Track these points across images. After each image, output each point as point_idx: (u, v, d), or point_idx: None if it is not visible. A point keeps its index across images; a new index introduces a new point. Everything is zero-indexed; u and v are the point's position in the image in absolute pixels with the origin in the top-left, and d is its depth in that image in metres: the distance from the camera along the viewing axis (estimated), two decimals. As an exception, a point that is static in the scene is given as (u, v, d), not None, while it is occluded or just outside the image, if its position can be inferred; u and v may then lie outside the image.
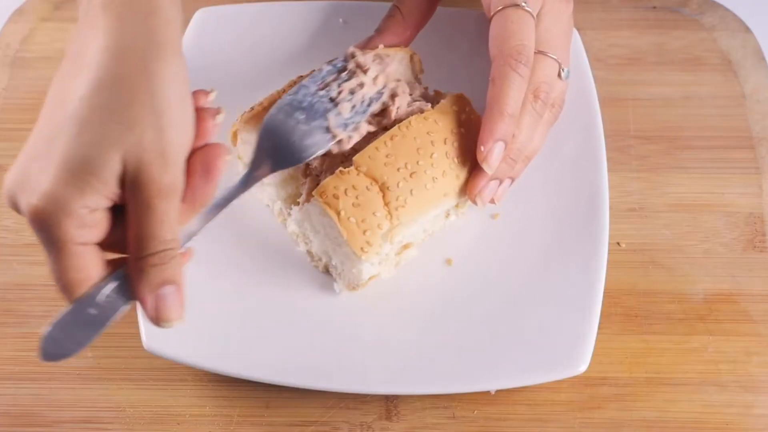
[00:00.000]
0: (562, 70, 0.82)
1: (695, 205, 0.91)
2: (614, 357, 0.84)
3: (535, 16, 0.80)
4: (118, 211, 0.63)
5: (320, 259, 0.83)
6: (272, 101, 0.81)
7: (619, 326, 0.85)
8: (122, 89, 0.62)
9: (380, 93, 0.80)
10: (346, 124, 0.78)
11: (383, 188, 0.77)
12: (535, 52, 0.80)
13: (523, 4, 0.79)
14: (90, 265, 0.63)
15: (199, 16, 0.94)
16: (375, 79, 0.81)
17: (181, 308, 0.64)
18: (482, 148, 0.78)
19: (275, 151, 0.76)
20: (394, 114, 0.81)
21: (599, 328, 0.79)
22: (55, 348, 0.63)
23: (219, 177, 0.65)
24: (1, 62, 0.99)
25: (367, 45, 0.85)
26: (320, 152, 0.77)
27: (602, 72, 0.98)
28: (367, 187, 0.77)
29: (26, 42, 1.01)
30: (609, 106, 0.95)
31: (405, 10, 0.86)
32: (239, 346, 0.79)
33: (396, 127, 0.79)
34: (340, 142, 0.78)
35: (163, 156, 0.62)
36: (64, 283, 0.63)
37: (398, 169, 0.78)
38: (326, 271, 0.84)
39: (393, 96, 0.81)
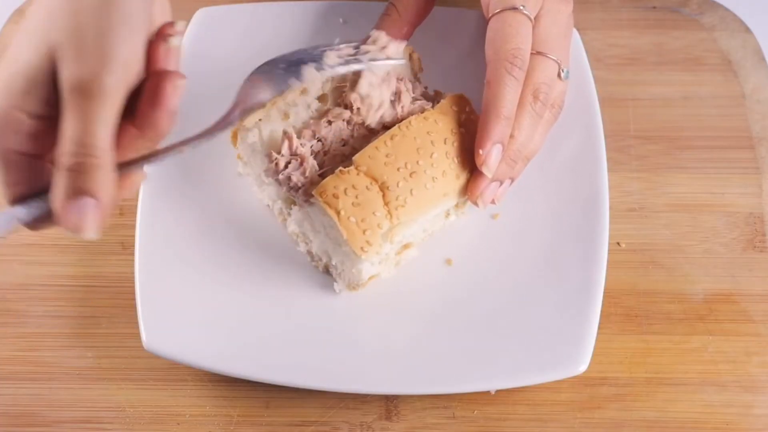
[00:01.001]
0: (562, 70, 0.82)
1: (695, 205, 0.91)
2: (614, 357, 0.84)
3: (533, 18, 0.80)
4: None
5: (320, 259, 0.83)
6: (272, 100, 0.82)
7: (619, 326, 0.85)
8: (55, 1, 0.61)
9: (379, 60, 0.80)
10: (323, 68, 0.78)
11: (383, 188, 0.77)
12: (534, 53, 0.81)
13: (521, 7, 0.79)
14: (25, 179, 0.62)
15: (199, 16, 0.95)
16: (383, 48, 0.81)
17: (96, 224, 0.59)
18: (480, 152, 0.78)
19: (251, 91, 0.74)
20: (399, 113, 0.81)
21: (599, 328, 0.79)
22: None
23: (169, 104, 0.61)
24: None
25: (364, 44, 0.85)
26: (289, 88, 0.76)
27: (602, 72, 0.98)
28: (367, 187, 0.77)
29: (26, 42, 1.01)
30: (609, 106, 0.95)
31: (401, 8, 0.86)
32: (239, 346, 0.79)
33: (396, 126, 0.79)
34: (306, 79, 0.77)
35: (101, 58, 0.59)
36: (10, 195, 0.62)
37: (398, 169, 0.78)
38: (326, 271, 0.84)
39: (398, 94, 0.81)
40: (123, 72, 0.60)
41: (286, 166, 0.80)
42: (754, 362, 0.84)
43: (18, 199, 0.62)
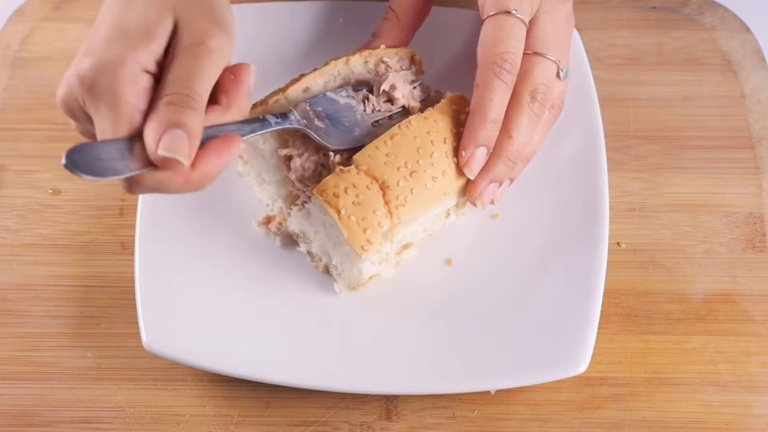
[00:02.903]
0: (561, 70, 0.82)
1: (695, 205, 0.91)
2: (614, 357, 0.84)
3: (527, 22, 0.80)
4: None
5: (320, 259, 0.83)
6: (274, 98, 0.82)
7: (619, 326, 0.85)
8: None
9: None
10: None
11: (383, 187, 0.77)
12: (531, 54, 0.81)
13: (514, 11, 0.79)
14: (132, 128, 0.64)
15: (199, 16, 0.94)
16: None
17: (186, 152, 0.63)
18: (463, 153, 0.79)
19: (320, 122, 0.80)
20: (402, 101, 0.82)
21: (599, 328, 0.79)
22: (83, 165, 0.62)
23: (248, 83, 0.69)
24: (1, 62, 0.99)
25: (365, 49, 0.85)
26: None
27: (602, 72, 0.98)
28: (367, 186, 0.77)
29: (26, 42, 1.01)
30: (609, 106, 0.95)
31: (400, 11, 0.87)
32: (239, 346, 0.79)
33: (396, 126, 0.79)
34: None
35: (215, 23, 0.68)
36: (108, 137, 0.64)
37: (398, 168, 0.78)
38: (326, 271, 0.84)
39: (392, 88, 0.82)
40: (229, 41, 0.69)
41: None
42: (754, 362, 0.84)
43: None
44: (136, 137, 0.64)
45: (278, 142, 0.83)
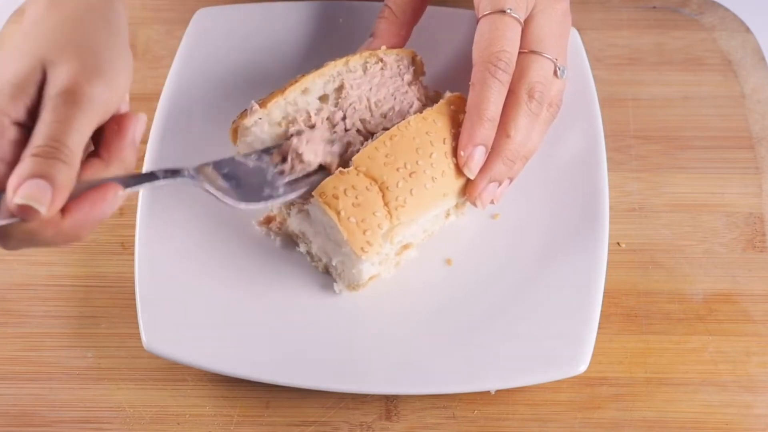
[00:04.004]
0: (558, 68, 0.82)
1: (695, 205, 0.91)
2: (614, 357, 0.84)
3: (522, 21, 0.80)
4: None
5: (320, 260, 0.83)
6: (272, 99, 0.82)
7: (619, 326, 0.85)
8: (51, 23, 0.67)
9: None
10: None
11: (383, 188, 0.77)
12: (527, 52, 0.81)
13: (509, 10, 0.79)
14: None
15: (199, 16, 0.95)
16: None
17: (46, 200, 0.60)
18: (462, 153, 0.79)
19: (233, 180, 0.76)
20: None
21: (599, 328, 0.79)
22: None
23: (133, 135, 0.66)
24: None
25: (366, 50, 0.85)
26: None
27: (602, 72, 0.98)
28: (366, 187, 0.77)
29: (26, 42, 1.01)
30: (609, 106, 0.95)
31: (396, 9, 0.87)
32: (239, 346, 0.79)
33: (395, 127, 0.79)
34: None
35: (90, 70, 0.64)
36: None
37: (398, 169, 0.78)
38: (326, 271, 0.84)
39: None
40: (108, 89, 0.65)
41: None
42: (754, 362, 0.84)
43: None
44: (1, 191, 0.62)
45: (278, 141, 0.82)
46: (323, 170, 0.80)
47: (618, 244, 0.89)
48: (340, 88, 0.83)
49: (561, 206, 0.85)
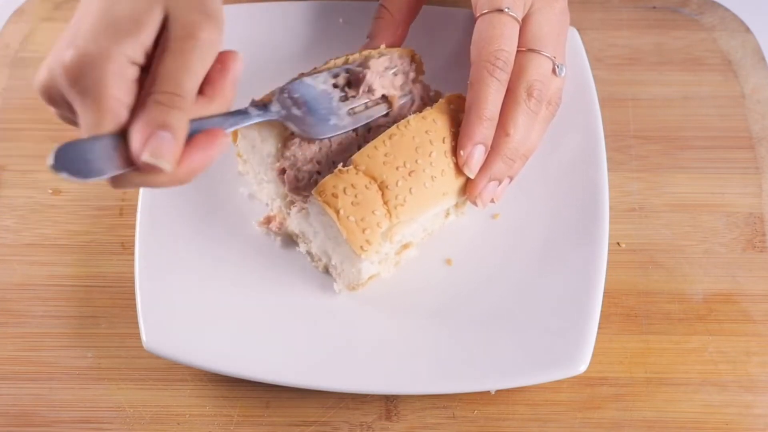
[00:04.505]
0: (557, 66, 0.82)
1: (695, 205, 0.91)
2: (614, 357, 0.84)
3: (519, 20, 0.80)
4: None
5: (320, 259, 0.83)
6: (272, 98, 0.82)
7: (619, 326, 0.85)
8: None
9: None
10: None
11: (382, 187, 0.77)
12: (526, 51, 0.81)
13: (507, 9, 0.79)
14: (117, 124, 0.63)
15: (199, 16, 0.94)
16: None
17: (171, 156, 0.62)
18: (461, 153, 0.79)
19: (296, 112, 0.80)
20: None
21: (599, 328, 0.79)
22: (68, 165, 0.61)
23: (235, 73, 0.68)
24: (1, 62, 0.99)
25: (365, 50, 0.85)
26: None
27: (602, 72, 0.98)
28: (366, 186, 0.77)
29: (26, 42, 1.01)
30: (609, 106, 0.95)
31: (393, 9, 0.87)
32: (239, 346, 0.79)
33: (395, 126, 0.79)
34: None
35: (206, 13, 0.65)
36: (92, 133, 0.63)
37: (397, 168, 0.78)
38: (326, 271, 0.84)
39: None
40: (219, 33, 0.66)
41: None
42: (754, 362, 0.84)
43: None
44: (121, 134, 0.63)
45: (278, 140, 0.82)
46: (384, 100, 0.83)
47: (618, 244, 0.89)
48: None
49: (561, 206, 0.85)
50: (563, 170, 0.87)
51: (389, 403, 0.82)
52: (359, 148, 0.80)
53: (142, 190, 0.85)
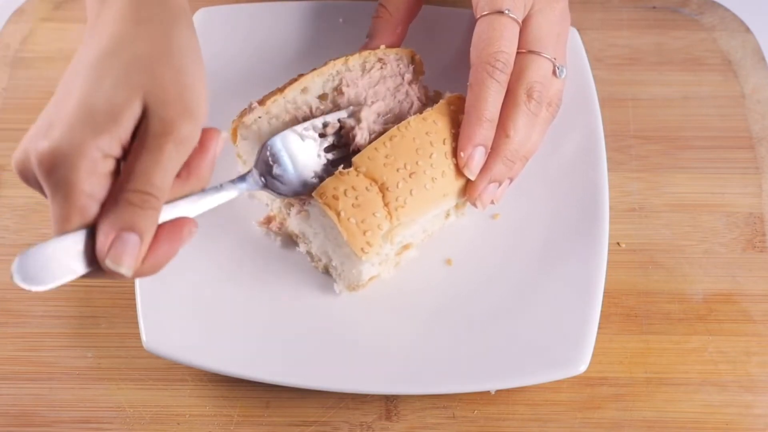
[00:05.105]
0: (557, 68, 0.82)
1: (695, 205, 0.91)
2: (614, 357, 0.84)
3: (520, 21, 0.80)
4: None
5: (320, 260, 0.83)
6: (272, 98, 0.82)
7: (619, 326, 0.85)
8: (142, 48, 0.64)
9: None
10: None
11: (383, 189, 0.77)
12: (526, 52, 0.81)
13: (507, 10, 0.79)
14: (85, 221, 0.62)
15: (199, 16, 0.95)
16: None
17: (134, 261, 0.61)
18: (462, 155, 0.79)
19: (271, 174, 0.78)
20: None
21: (599, 328, 0.79)
22: (30, 273, 0.60)
23: (214, 154, 0.66)
24: (1, 62, 0.99)
25: (365, 50, 0.85)
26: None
27: (602, 72, 0.98)
28: (366, 188, 0.77)
29: (26, 42, 1.01)
30: (609, 106, 0.95)
31: (392, 8, 0.87)
32: (239, 346, 0.79)
33: (395, 127, 0.79)
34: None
35: (185, 107, 0.63)
36: (60, 228, 0.62)
37: (398, 170, 0.78)
38: (326, 271, 0.84)
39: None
40: (198, 126, 0.65)
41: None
42: (754, 362, 0.84)
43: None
44: (89, 228, 0.62)
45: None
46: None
47: (618, 244, 0.89)
48: (339, 87, 0.83)
49: (561, 206, 0.85)
50: (563, 170, 0.87)
51: (389, 403, 0.82)
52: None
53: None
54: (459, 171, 0.80)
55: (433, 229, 0.85)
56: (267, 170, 0.78)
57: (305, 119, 0.82)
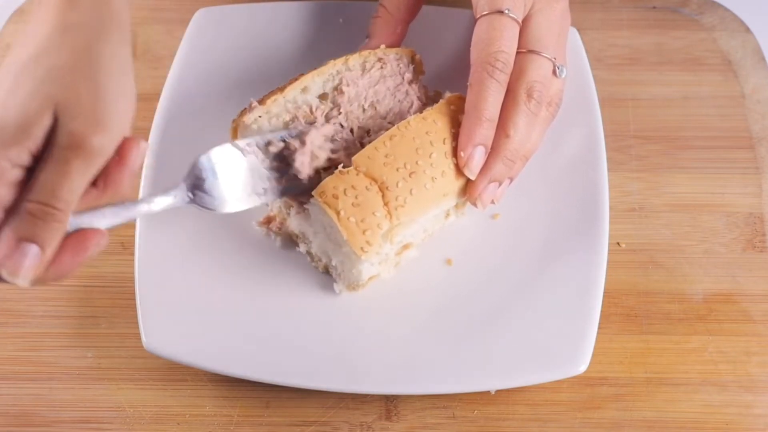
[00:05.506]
0: (557, 67, 0.82)
1: (695, 205, 0.91)
2: (614, 357, 0.84)
3: (520, 21, 0.80)
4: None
5: (320, 260, 0.83)
6: (272, 97, 0.82)
7: (619, 326, 0.85)
8: (62, 58, 0.64)
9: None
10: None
11: (383, 188, 0.77)
12: (526, 52, 0.81)
13: (506, 10, 0.79)
14: None
15: (199, 16, 0.95)
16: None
17: (30, 273, 0.61)
18: (462, 154, 0.79)
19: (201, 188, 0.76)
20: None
21: (599, 328, 0.79)
22: None
23: (134, 165, 0.65)
24: (1, 62, 0.99)
25: (365, 50, 0.86)
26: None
27: (602, 72, 0.98)
28: (366, 187, 0.77)
29: (26, 42, 1.01)
30: (609, 106, 0.95)
31: (391, 8, 0.87)
32: (239, 346, 0.79)
33: (395, 127, 0.79)
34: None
35: (97, 120, 0.63)
36: None
37: (397, 169, 0.78)
38: (326, 271, 0.84)
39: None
40: (114, 140, 0.64)
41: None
42: (754, 362, 0.84)
43: None
44: None
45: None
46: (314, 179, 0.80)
47: (618, 244, 0.89)
48: (339, 87, 0.83)
49: (561, 206, 0.85)
50: (563, 170, 0.87)
51: (389, 403, 0.82)
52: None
53: (142, 189, 0.85)
54: (459, 171, 0.80)
55: (433, 228, 0.85)
56: (198, 185, 0.76)
57: (305, 119, 0.82)
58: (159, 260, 0.82)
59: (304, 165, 0.80)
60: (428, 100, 0.87)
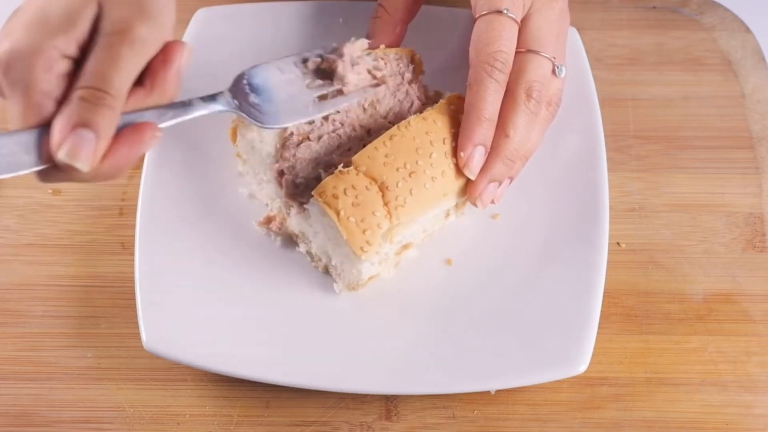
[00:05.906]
0: (557, 67, 0.82)
1: (695, 205, 0.91)
2: (614, 357, 0.84)
3: (518, 21, 0.80)
4: None
5: (320, 260, 0.83)
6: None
7: (619, 326, 0.85)
8: None
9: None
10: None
11: (383, 188, 0.77)
12: (525, 52, 0.81)
13: (505, 10, 0.79)
14: (41, 118, 0.62)
15: (199, 16, 0.95)
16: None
17: (90, 156, 0.62)
18: (462, 154, 0.79)
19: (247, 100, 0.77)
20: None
21: (599, 328, 0.79)
22: None
23: (180, 65, 0.67)
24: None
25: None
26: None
27: (602, 72, 0.98)
28: (366, 187, 0.77)
29: (26, 42, 1.01)
30: (609, 106, 0.95)
31: (390, 8, 0.87)
32: (239, 346, 0.79)
33: (395, 127, 0.79)
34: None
35: (140, 8, 0.64)
36: (16, 126, 0.63)
37: (397, 169, 0.78)
38: (326, 271, 0.84)
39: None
40: (158, 30, 0.65)
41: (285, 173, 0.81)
42: (754, 362, 0.84)
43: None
44: (45, 127, 0.62)
45: (277, 140, 0.82)
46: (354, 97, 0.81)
47: (618, 244, 0.89)
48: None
49: (561, 206, 0.85)
50: (563, 170, 0.87)
51: (389, 403, 0.82)
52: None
53: (142, 189, 0.85)
54: (459, 170, 0.80)
55: (433, 228, 0.85)
56: (243, 97, 0.77)
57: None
58: (159, 260, 0.82)
59: (347, 71, 0.81)
60: (428, 99, 0.87)
